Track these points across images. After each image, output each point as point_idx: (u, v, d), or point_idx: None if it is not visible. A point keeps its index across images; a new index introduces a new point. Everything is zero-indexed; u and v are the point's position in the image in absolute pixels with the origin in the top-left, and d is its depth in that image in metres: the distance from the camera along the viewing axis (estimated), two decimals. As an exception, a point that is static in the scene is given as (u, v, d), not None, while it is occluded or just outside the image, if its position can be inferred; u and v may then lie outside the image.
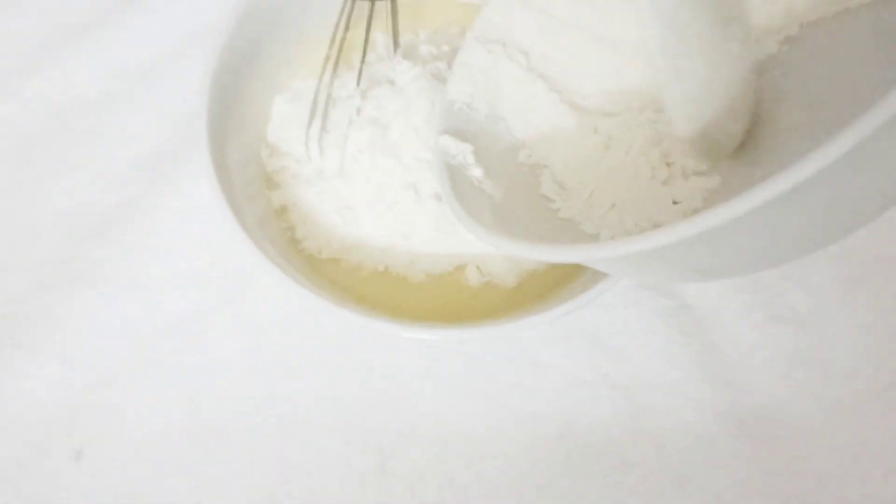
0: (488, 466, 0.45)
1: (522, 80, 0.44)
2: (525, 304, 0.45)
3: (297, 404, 0.46)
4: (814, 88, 0.35)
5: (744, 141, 0.37)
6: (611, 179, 0.39)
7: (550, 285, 0.46)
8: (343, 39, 0.48)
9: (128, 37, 0.56)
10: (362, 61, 0.48)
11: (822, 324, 0.48)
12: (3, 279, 0.49)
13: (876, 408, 0.46)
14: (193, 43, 0.55)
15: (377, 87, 0.48)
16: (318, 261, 0.47)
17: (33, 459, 0.45)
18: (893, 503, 0.44)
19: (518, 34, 0.45)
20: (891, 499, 0.44)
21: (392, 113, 0.47)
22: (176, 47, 0.55)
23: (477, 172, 0.40)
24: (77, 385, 0.46)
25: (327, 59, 0.48)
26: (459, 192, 0.39)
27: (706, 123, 0.37)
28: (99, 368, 0.47)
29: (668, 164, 0.39)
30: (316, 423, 0.45)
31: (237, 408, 0.46)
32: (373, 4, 0.49)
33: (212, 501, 0.44)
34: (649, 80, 0.41)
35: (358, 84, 0.47)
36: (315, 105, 0.47)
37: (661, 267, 0.34)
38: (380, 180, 0.46)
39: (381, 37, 0.51)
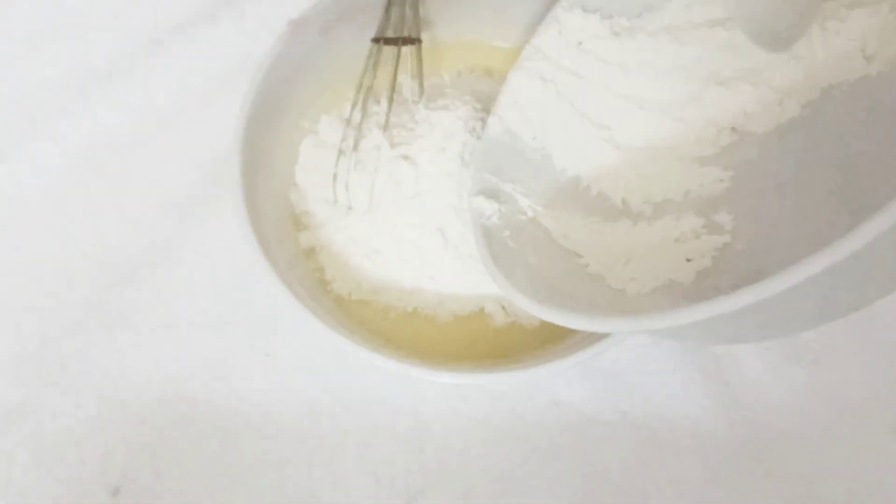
0: (512, 503, 0.46)
1: (570, 118, 0.45)
2: (549, 344, 0.47)
3: (325, 443, 0.47)
4: (841, 152, 0.37)
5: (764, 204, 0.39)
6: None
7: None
8: (370, 85, 0.50)
9: (155, 81, 0.57)
10: (389, 108, 0.49)
11: (835, 361, 0.49)
12: (37, 320, 0.50)
13: (889, 443, 0.47)
14: (217, 88, 0.56)
15: (403, 130, 0.50)
16: (348, 302, 0.48)
17: (70, 498, 0.46)
18: (907, 538, 0.45)
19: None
20: (905, 534, 0.45)
21: (419, 157, 0.49)
22: (201, 91, 0.57)
23: (506, 233, 0.42)
24: (112, 424, 0.48)
25: (354, 103, 0.50)
26: (496, 254, 0.41)
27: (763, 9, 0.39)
28: (133, 408, 0.48)
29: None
30: (345, 461, 0.47)
31: (267, 446, 0.47)
32: (399, 49, 0.50)
33: (245, 540, 0.45)
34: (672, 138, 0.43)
35: (385, 128, 0.49)
36: (342, 149, 0.49)
37: (697, 335, 0.35)
38: (407, 224, 0.48)
39: (406, 80, 0.52)
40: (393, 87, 0.49)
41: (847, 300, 0.31)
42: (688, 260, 0.39)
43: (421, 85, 0.51)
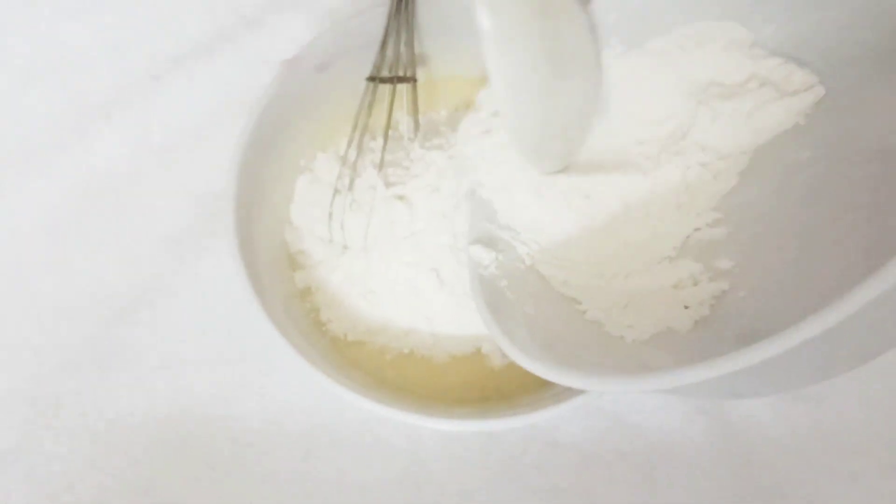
0: (510, 546, 0.45)
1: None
2: (547, 385, 0.45)
3: (320, 484, 0.47)
4: (845, 198, 0.36)
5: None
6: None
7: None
8: (366, 124, 0.49)
9: (152, 116, 0.57)
10: (384, 147, 0.49)
11: (836, 400, 0.48)
12: (32, 359, 0.50)
13: (891, 483, 0.46)
14: (214, 123, 0.56)
15: (399, 169, 0.50)
16: (343, 343, 0.48)
17: (64, 542, 0.46)
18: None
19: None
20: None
21: (413, 196, 0.48)
22: (198, 127, 0.57)
23: (503, 283, 0.42)
24: (106, 466, 0.47)
25: (350, 141, 0.50)
26: (494, 305, 0.40)
27: (535, 142, 0.42)
28: (129, 450, 0.48)
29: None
30: (340, 503, 0.46)
31: (262, 488, 0.47)
32: (394, 87, 0.50)
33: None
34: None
35: (380, 167, 0.49)
36: (338, 187, 0.49)
37: (692, 392, 0.34)
38: (403, 264, 0.48)
39: (402, 117, 0.52)
40: (388, 126, 0.49)
41: (848, 358, 0.31)
42: (686, 307, 0.38)
43: (417, 123, 0.50)
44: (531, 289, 0.42)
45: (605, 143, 0.45)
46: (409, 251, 0.47)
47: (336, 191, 0.49)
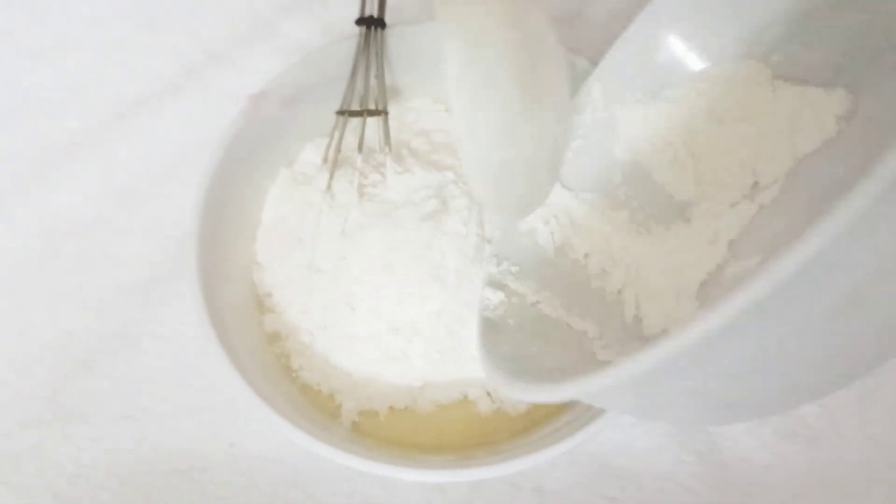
0: None
1: None
2: (535, 429, 0.44)
3: (294, 542, 0.44)
4: None
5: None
6: None
7: (560, 406, 0.45)
8: (335, 158, 0.47)
9: (116, 157, 0.55)
10: (357, 178, 0.47)
11: (836, 439, 0.46)
12: (-11, 415, 0.47)
13: (896, 526, 0.44)
14: (180, 162, 0.54)
15: (374, 215, 0.47)
16: (314, 392, 0.45)
17: None
18: None
19: None
20: None
21: (393, 242, 0.46)
22: (163, 166, 0.55)
23: (511, 322, 0.40)
24: (66, 527, 0.45)
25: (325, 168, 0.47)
26: (496, 346, 0.39)
27: (500, 190, 0.41)
28: (90, 508, 0.45)
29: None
30: (314, 561, 0.44)
31: (232, 546, 0.44)
32: (364, 120, 0.48)
33: None
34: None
35: (359, 194, 0.47)
36: (314, 228, 0.47)
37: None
38: (383, 310, 0.45)
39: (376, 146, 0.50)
40: (360, 152, 0.47)
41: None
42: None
43: (390, 153, 0.48)
44: (538, 327, 0.41)
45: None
46: (389, 297, 0.45)
47: (313, 230, 0.46)
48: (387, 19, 0.48)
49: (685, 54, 0.44)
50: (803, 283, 0.23)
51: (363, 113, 0.47)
